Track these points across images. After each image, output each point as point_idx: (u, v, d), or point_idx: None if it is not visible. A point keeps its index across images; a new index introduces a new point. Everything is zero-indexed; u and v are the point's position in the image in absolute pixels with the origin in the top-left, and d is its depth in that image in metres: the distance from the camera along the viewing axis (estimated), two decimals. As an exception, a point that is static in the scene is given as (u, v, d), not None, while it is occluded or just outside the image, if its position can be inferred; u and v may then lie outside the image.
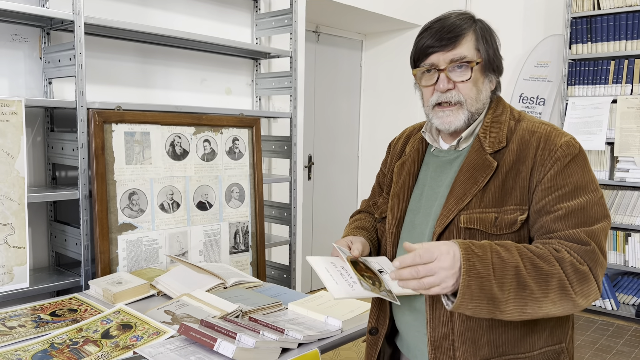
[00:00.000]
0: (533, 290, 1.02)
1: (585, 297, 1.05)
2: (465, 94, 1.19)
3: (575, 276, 1.04)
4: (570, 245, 1.06)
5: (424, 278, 1.01)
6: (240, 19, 3.04)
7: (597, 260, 1.06)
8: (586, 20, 4.18)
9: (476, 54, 1.19)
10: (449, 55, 1.18)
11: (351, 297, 1.18)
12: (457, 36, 1.17)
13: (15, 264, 1.87)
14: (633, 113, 3.98)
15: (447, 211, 1.17)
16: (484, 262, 1.01)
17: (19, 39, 2.18)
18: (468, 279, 1.00)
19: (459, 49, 1.17)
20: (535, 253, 1.05)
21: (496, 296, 1.01)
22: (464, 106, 1.19)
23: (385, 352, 1.37)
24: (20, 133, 1.87)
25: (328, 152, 4.91)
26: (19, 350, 1.36)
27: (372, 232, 1.44)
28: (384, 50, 5.03)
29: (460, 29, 1.18)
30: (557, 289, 1.02)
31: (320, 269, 1.24)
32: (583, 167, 1.12)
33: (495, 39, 1.23)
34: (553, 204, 1.10)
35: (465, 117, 1.20)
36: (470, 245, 1.04)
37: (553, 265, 1.03)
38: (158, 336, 1.42)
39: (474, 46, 1.19)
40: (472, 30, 1.19)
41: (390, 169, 1.42)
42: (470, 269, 1.00)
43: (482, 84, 1.21)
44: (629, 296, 4.13)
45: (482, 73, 1.20)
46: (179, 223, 2.26)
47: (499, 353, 1.14)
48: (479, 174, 1.16)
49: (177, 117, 2.28)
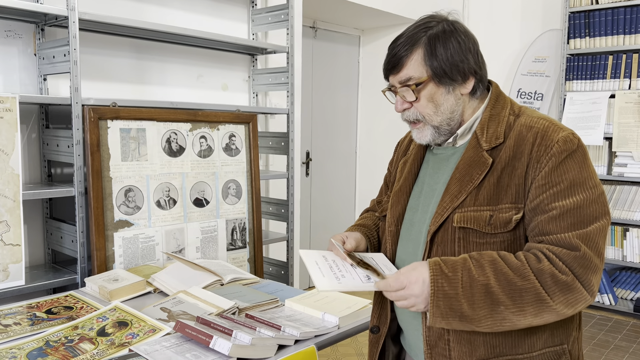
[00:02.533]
0: (508, 305, 1.03)
1: (570, 305, 1.04)
2: (421, 111, 1.20)
3: (556, 287, 1.02)
4: (559, 252, 1.04)
5: (398, 301, 1.10)
6: (237, 14, 3.03)
7: (588, 266, 1.03)
8: (584, 14, 4.17)
9: (423, 71, 1.17)
10: (397, 77, 1.20)
11: (337, 290, 1.20)
12: (400, 58, 1.18)
13: (11, 261, 1.86)
14: (631, 108, 3.97)
15: (441, 209, 1.16)
16: (452, 282, 1.06)
17: (13, 35, 2.16)
18: (436, 299, 1.06)
19: (404, 70, 1.18)
20: (512, 267, 1.05)
21: (466, 314, 1.05)
22: (426, 123, 1.20)
23: (391, 351, 1.37)
24: (14, 130, 1.85)
25: (326, 148, 4.90)
26: (14, 349, 1.35)
27: (372, 229, 1.46)
28: (381, 46, 5.01)
29: (403, 51, 1.17)
30: (534, 302, 1.03)
31: (310, 262, 1.27)
32: (581, 163, 1.09)
33: (454, 42, 1.16)
34: (548, 203, 1.07)
35: (430, 132, 1.21)
36: (441, 264, 1.08)
37: (527, 280, 1.03)
38: (154, 333, 1.42)
39: (421, 63, 1.16)
40: (418, 46, 1.16)
41: (395, 168, 1.42)
42: (437, 291, 1.06)
43: (441, 96, 1.18)
44: (627, 291, 4.13)
45: (436, 86, 1.17)
46: (175, 220, 2.25)
47: (495, 354, 1.12)
48: (475, 171, 1.14)
49: (173, 114, 2.26)
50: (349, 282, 1.20)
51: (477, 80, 1.20)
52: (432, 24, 1.19)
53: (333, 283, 1.19)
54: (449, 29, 1.17)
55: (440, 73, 1.16)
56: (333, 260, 1.29)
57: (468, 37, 1.19)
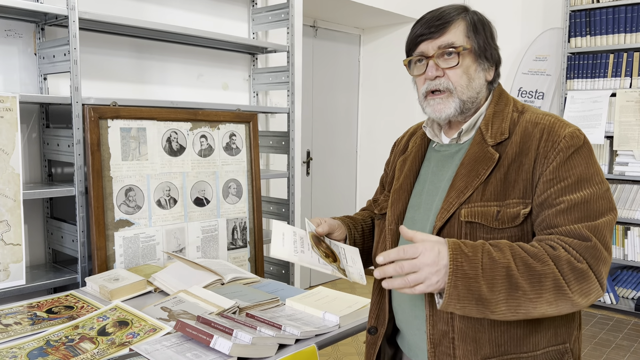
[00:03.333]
0: (526, 290, 1.00)
1: (584, 295, 1.02)
2: (454, 81, 1.18)
3: (573, 274, 1.01)
4: (570, 242, 1.04)
5: (409, 275, 1.00)
6: (237, 13, 3.02)
7: (599, 257, 1.03)
8: (585, 13, 4.16)
9: (466, 41, 1.18)
10: (437, 42, 1.17)
11: (290, 260, 1.23)
12: (445, 23, 1.17)
13: (11, 261, 1.86)
14: (632, 106, 3.96)
15: (447, 205, 1.15)
16: (472, 262, 1.01)
17: (13, 34, 2.16)
18: (454, 279, 0.99)
19: (447, 35, 1.17)
20: (529, 252, 1.03)
21: (485, 297, 1.00)
22: (454, 94, 1.18)
23: (386, 353, 1.35)
24: (14, 129, 1.85)
25: (326, 147, 4.90)
26: (15, 348, 1.35)
27: (358, 223, 1.46)
28: (382, 45, 5.01)
29: (449, 16, 1.18)
30: (552, 289, 1.00)
31: (277, 231, 1.30)
32: (588, 158, 1.09)
33: (489, 28, 1.22)
34: (555, 197, 1.07)
35: (456, 104, 1.18)
36: (461, 244, 1.03)
37: (547, 265, 1.01)
38: (154, 333, 1.42)
39: (464, 34, 1.18)
40: (462, 18, 1.19)
41: (393, 167, 1.41)
42: (457, 269, 1.00)
43: (475, 72, 1.19)
44: (629, 290, 4.13)
45: (473, 60, 1.19)
46: (176, 219, 2.24)
47: (500, 352, 1.11)
48: (481, 166, 1.14)
49: (174, 113, 2.26)
50: (305, 258, 1.24)
51: (497, 72, 1.24)
52: (466, 8, 1.23)
53: (289, 254, 1.24)
54: (485, 18, 1.23)
55: (481, 48, 1.19)
56: (301, 238, 1.32)
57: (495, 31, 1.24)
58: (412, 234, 1.05)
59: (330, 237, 1.38)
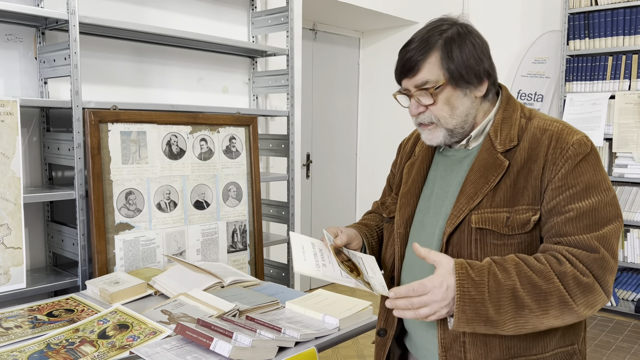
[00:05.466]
0: (532, 309, 1.03)
1: (589, 307, 1.05)
2: (436, 115, 1.19)
3: (578, 289, 1.04)
4: (578, 254, 1.06)
5: (419, 309, 1.05)
6: (237, 17, 3.03)
7: (606, 267, 1.05)
8: (584, 16, 4.17)
9: (441, 74, 1.16)
10: (412, 81, 1.18)
11: (313, 275, 1.22)
12: (417, 61, 1.16)
13: (12, 264, 1.86)
14: (631, 109, 3.97)
15: (457, 211, 1.16)
16: (479, 286, 1.04)
17: (13, 39, 2.17)
18: (462, 304, 1.03)
19: (420, 74, 1.17)
20: (535, 270, 1.05)
21: (492, 319, 1.04)
22: (439, 125, 1.20)
23: (395, 353, 1.37)
24: (15, 133, 1.86)
25: (326, 150, 4.90)
26: (15, 351, 1.35)
27: (373, 230, 1.46)
28: (381, 48, 5.02)
29: (420, 54, 1.16)
30: (558, 305, 1.03)
31: (296, 245, 1.29)
32: (595, 166, 1.11)
33: (470, 45, 1.16)
34: (564, 205, 1.08)
35: (443, 133, 1.20)
36: (468, 269, 1.06)
37: (552, 283, 1.03)
38: (154, 336, 1.42)
39: (438, 66, 1.16)
40: (435, 49, 1.16)
41: (400, 170, 1.41)
42: (463, 295, 1.03)
43: (457, 99, 1.17)
44: (628, 292, 4.13)
45: (453, 89, 1.17)
46: (176, 222, 2.25)
47: (510, 355, 1.13)
48: (490, 173, 1.15)
49: (174, 116, 2.27)
50: (328, 272, 1.23)
51: (491, 82, 1.21)
52: (444, 26, 1.18)
53: (312, 269, 1.23)
54: (463, 32, 1.18)
55: (457, 76, 1.16)
56: (320, 250, 1.31)
57: (481, 39, 1.20)
58: (425, 254, 1.09)
59: (348, 247, 1.37)
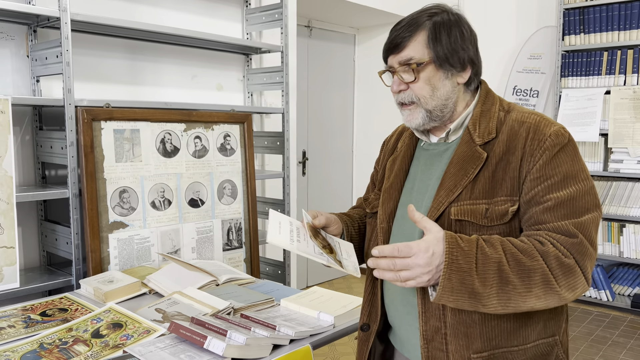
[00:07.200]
0: (516, 285, 1.03)
1: (571, 289, 1.05)
2: (417, 94, 1.20)
3: (560, 270, 1.04)
4: (558, 238, 1.06)
5: (400, 271, 1.03)
6: (231, 14, 3.02)
7: (585, 253, 1.06)
8: (579, 11, 4.17)
9: (426, 52, 1.18)
10: (397, 57, 1.20)
11: (286, 248, 1.24)
12: (404, 38, 1.19)
13: (5, 264, 1.85)
14: (626, 104, 3.97)
15: (437, 203, 1.17)
16: (467, 256, 1.03)
17: (5, 36, 2.15)
18: (449, 272, 1.02)
19: (406, 50, 1.19)
20: (519, 248, 1.05)
21: (477, 291, 1.03)
22: (419, 105, 1.21)
23: (377, 349, 1.37)
24: (7, 132, 1.84)
25: (322, 147, 4.90)
26: (8, 351, 1.34)
27: (355, 220, 1.48)
28: (377, 44, 5.01)
29: (408, 30, 1.20)
30: (541, 284, 1.03)
31: (274, 220, 1.31)
32: (573, 156, 1.12)
33: (457, 31, 1.19)
34: (542, 195, 1.09)
35: (422, 114, 1.21)
36: (458, 239, 1.05)
37: (536, 260, 1.04)
38: (148, 335, 1.41)
39: (424, 44, 1.18)
40: (423, 28, 1.19)
41: (383, 166, 1.43)
42: (451, 263, 1.02)
43: (439, 81, 1.19)
44: (624, 287, 4.14)
45: (435, 70, 1.19)
46: (170, 221, 2.24)
47: (492, 346, 1.13)
48: (469, 165, 1.16)
49: (167, 114, 2.26)
50: (302, 247, 1.24)
51: (474, 72, 1.22)
52: (435, 10, 1.22)
53: (285, 242, 1.24)
54: (454, 19, 1.21)
55: (441, 57, 1.18)
56: (297, 228, 1.33)
57: (470, 29, 1.22)
58: (418, 218, 1.08)
59: (326, 231, 1.40)
